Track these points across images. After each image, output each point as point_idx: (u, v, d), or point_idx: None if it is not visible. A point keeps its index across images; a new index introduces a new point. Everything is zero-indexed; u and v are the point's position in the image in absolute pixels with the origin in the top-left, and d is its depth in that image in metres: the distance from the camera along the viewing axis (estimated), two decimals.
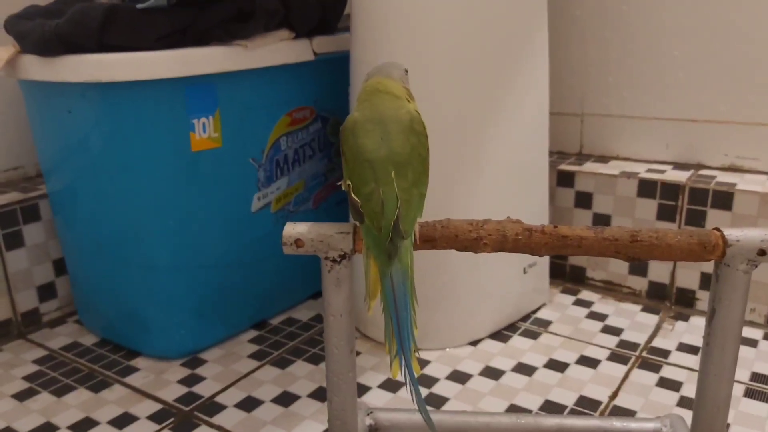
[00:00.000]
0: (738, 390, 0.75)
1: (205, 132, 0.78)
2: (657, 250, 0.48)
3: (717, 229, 0.49)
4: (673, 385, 0.77)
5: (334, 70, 0.91)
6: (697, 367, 0.79)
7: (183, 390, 0.79)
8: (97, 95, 0.74)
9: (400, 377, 0.46)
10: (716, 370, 0.52)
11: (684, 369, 0.80)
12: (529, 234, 0.49)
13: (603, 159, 1.06)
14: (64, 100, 0.76)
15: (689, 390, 0.76)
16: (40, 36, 0.72)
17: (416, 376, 0.46)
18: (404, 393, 0.76)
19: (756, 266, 0.48)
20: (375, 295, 0.47)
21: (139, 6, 0.72)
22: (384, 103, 0.50)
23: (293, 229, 0.50)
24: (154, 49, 0.72)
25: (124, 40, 0.71)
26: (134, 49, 0.72)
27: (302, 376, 0.81)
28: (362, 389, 0.77)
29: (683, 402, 0.74)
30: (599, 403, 0.74)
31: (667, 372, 0.80)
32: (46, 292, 0.96)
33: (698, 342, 0.86)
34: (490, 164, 0.82)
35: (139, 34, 0.72)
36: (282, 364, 0.84)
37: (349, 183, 0.47)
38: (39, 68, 0.74)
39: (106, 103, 0.74)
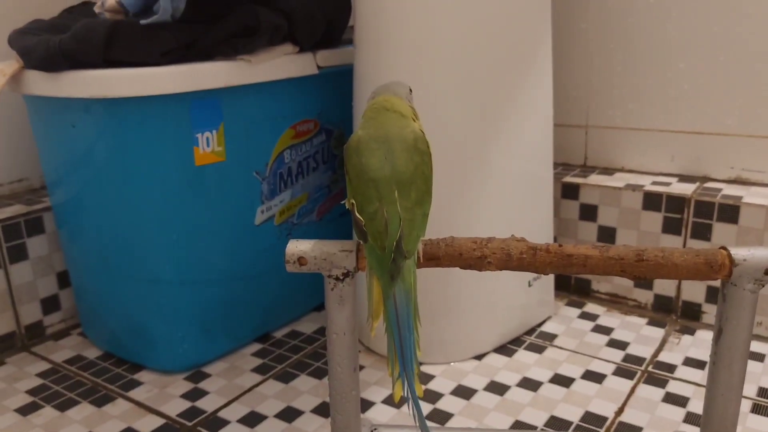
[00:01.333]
0: (745, 406, 0.74)
1: (208, 146, 0.78)
2: (663, 270, 0.48)
3: (723, 248, 0.48)
4: (679, 401, 0.76)
5: (338, 83, 0.91)
6: (703, 383, 0.78)
7: (186, 405, 0.78)
8: (101, 110, 0.74)
9: (403, 395, 0.46)
10: (723, 389, 0.51)
11: (690, 384, 0.80)
12: (533, 253, 0.49)
13: (608, 171, 1.05)
14: (68, 114, 0.76)
15: (696, 406, 0.75)
16: (45, 52, 0.72)
17: (419, 398, 0.46)
18: (408, 408, 0.75)
19: (763, 285, 0.48)
20: (378, 315, 0.47)
21: (143, 22, 0.72)
22: (390, 121, 0.50)
23: (296, 247, 0.50)
24: (158, 64, 0.72)
25: (128, 56, 0.72)
26: (139, 65, 0.72)
27: (305, 391, 0.80)
28: (366, 404, 0.77)
29: (690, 418, 0.73)
30: (605, 419, 0.74)
31: (673, 387, 0.79)
32: (50, 304, 0.96)
33: (705, 356, 0.85)
34: (494, 176, 0.81)
35: (144, 50, 0.72)
36: (285, 378, 0.83)
37: (353, 202, 0.47)
38: (43, 83, 0.74)
39: (110, 117, 0.74)
